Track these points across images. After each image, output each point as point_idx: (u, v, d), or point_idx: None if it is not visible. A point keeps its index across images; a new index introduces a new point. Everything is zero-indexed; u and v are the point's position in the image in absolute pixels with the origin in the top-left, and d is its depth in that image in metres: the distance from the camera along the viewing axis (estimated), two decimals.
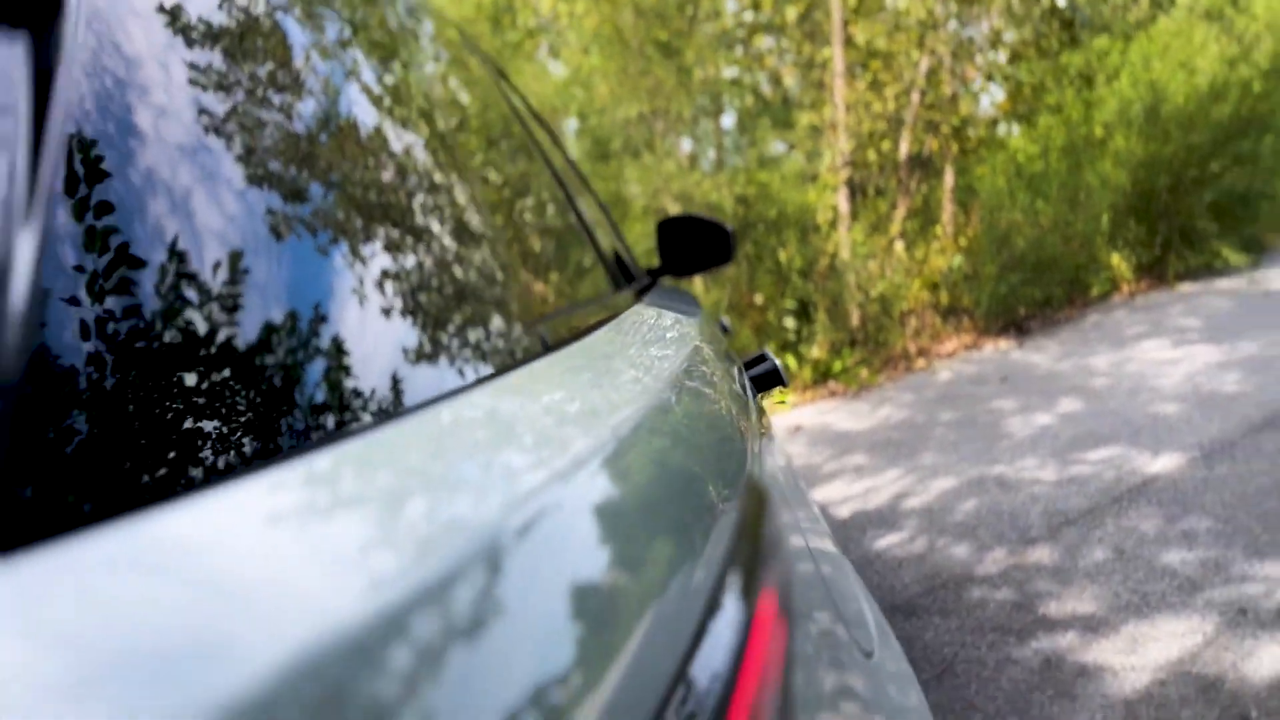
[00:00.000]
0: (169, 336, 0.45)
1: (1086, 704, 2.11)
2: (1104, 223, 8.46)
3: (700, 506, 0.60)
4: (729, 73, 9.03)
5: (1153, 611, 2.50)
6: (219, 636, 0.31)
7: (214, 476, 0.44)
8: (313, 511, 0.42)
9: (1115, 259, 8.55)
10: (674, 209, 7.61)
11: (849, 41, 7.59)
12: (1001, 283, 7.55)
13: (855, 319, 7.06)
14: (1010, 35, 8.32)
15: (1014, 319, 7.64)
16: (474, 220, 0.92)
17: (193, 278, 0.47)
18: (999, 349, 6.87)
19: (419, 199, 0.80)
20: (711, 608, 0.50)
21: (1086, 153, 8.61)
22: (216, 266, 0.49)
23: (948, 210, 8.20)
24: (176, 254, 0.47)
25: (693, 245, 2.02)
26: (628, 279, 1.63)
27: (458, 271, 0.80)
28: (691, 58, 8.08)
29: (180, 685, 0.28)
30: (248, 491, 0.42)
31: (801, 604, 0.70)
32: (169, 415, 0.43)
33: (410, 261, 0.71)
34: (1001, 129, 9.29)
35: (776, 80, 9.00)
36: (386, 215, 0.71)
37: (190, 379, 0.45)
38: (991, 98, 9.34)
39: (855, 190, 7.95)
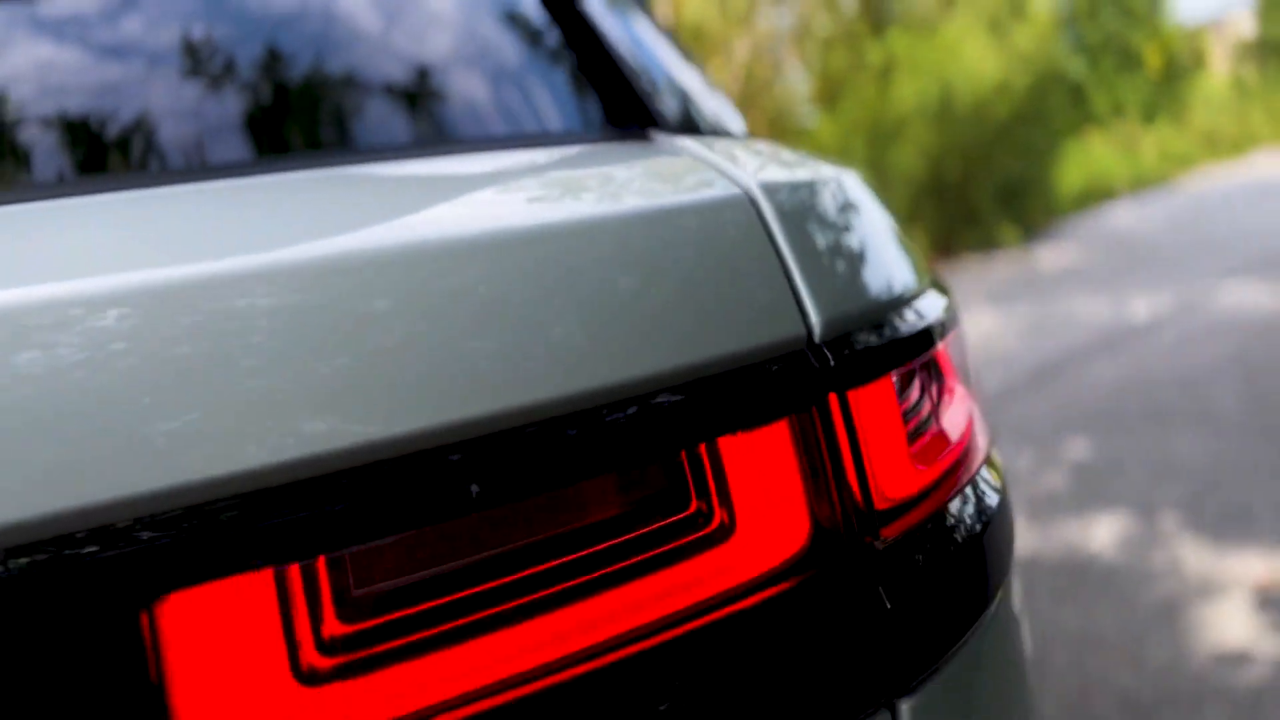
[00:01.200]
0: None
1: None
2: (901, 204, 9.24)
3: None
4: None
5: None
6: None
7: None
8: None
9: (911, 236, 9.35)
10: None
11: (676, 20, 7.92)
12: None
13: None
14: (823, 26, 8.91)
15: None
16: None
17: None
18: None
19: None
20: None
21: (889, 141, 9.37)
22: None
23: None
24: None
25: None
26: None
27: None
28: None
29: None
30: None
31: None
32: None
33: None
34: (812, 115, 9.92)
35: None
36: None
37: None
38: (803, 85, 9.95)
39: None
